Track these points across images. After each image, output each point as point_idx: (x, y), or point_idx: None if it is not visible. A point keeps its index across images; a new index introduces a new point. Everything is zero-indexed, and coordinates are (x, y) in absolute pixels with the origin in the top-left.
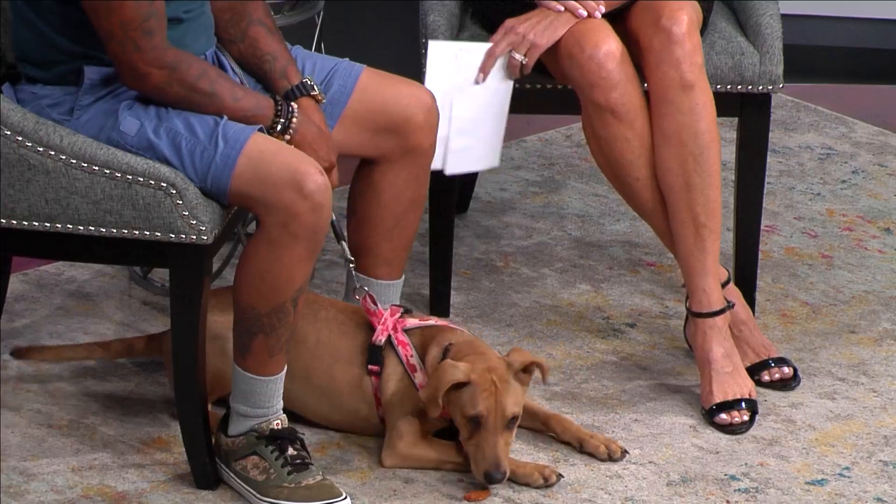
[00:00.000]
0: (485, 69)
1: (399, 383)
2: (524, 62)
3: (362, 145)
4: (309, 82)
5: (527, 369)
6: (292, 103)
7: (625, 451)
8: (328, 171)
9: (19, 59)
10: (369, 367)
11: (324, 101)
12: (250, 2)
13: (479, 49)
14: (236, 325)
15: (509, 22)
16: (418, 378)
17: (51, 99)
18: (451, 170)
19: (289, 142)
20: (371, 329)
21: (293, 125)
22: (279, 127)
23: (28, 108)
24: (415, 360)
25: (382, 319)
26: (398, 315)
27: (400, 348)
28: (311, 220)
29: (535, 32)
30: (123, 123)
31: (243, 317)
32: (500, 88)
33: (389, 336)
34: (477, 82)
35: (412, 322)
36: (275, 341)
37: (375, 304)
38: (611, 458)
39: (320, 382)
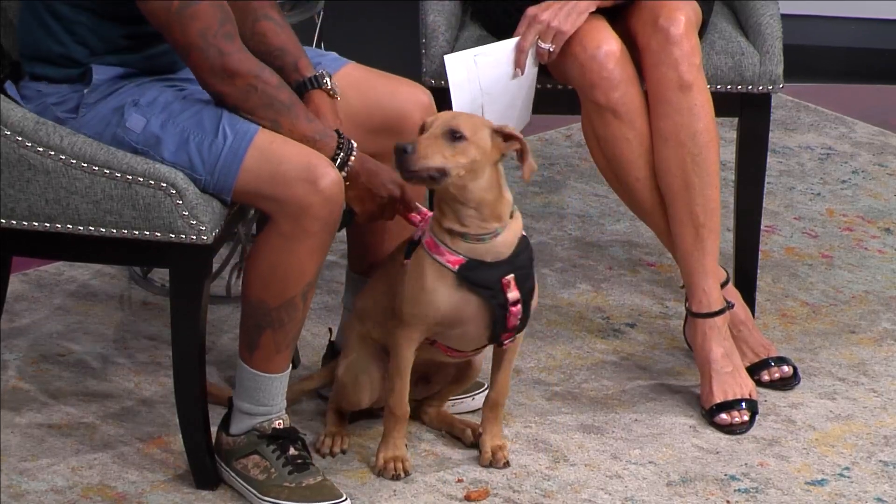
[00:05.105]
0: (520, 63)
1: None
2: (551, 50)
3: (359, 144)
4: (323, 76)
5: (507, 139)
6: (352, 141)
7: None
8: (388, 204)
9: (24, 55)
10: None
11: (337, 98)
12: None
13: (494, 50)
14: (244, 320)
15: (531, 11)
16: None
17: (56, 97)
18: None
19: (344, 179)
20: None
21: (350, 163)
22: (338, 161)
23: (32, 105)
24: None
25: (422, 216)
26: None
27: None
28: (323, 215)
29: (558, 19)
30: (129, 120)
31: (252, 311)
32: (528, 74)
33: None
34: (515, 76)
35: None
36: (282, 336)
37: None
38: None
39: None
